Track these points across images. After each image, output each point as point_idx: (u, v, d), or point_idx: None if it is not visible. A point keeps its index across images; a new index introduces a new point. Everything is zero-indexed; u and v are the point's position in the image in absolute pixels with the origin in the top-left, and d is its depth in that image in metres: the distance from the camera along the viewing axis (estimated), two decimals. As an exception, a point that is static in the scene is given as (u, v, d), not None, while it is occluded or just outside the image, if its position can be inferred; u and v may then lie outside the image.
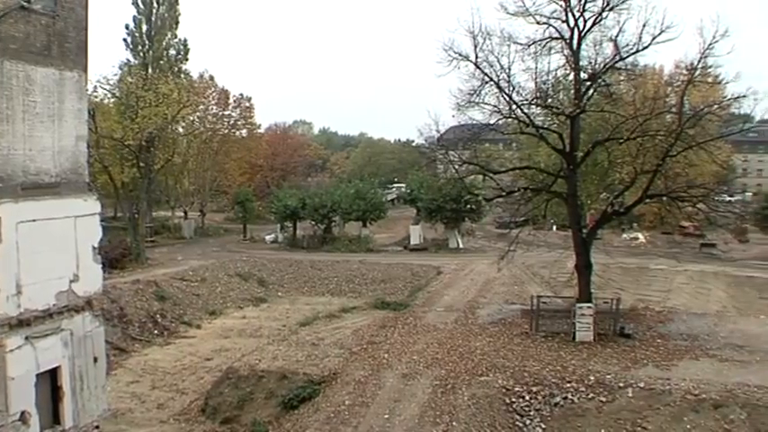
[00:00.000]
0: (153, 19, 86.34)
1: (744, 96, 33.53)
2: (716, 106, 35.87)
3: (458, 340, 35.33)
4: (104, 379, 21.36)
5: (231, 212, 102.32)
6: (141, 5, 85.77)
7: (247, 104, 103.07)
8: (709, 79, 37.12)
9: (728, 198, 42.42)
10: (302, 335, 37.91)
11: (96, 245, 20.19)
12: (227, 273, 56.18)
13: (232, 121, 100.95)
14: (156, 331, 42.89)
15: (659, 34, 32.05)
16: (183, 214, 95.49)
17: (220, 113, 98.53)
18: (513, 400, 27.70)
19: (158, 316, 44.46)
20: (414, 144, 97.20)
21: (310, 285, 55.12)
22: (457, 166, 39.44)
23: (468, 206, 68.61)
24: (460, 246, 71.63)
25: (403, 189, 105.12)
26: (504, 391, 28.25)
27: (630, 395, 27.41)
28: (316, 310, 45.21)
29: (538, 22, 34.04)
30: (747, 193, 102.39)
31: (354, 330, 38.05)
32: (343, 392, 29.30)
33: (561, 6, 33.52)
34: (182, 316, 45.87)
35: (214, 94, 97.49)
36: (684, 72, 37.32)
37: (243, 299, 51.58)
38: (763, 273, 53.25)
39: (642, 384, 27.99)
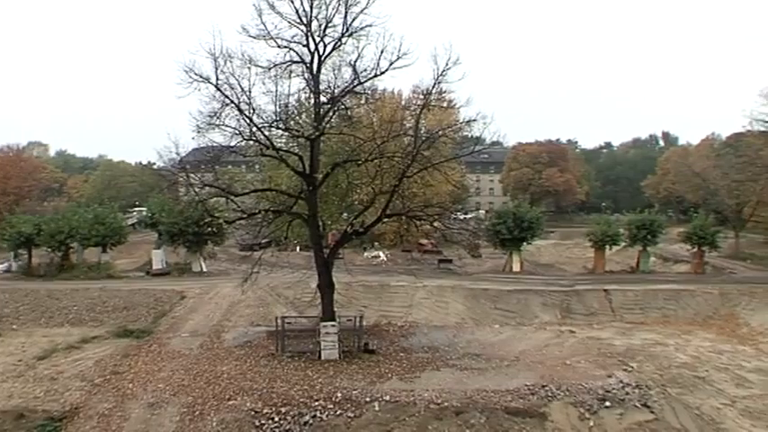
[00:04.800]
0: None
1: (474, 120, 35.56)
2: (449, 129, 37.73)
3: (204, 365, 34.82)
4: None
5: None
6: None
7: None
8: (444, 104, 39.11)
9: (463, 216, 44.66)
10: (40, 369, 35.58)
11: None
12: (-48, 308, 51.88)
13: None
14: None
15: (396, 60, 33.21)
16: None
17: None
18: (263, 422, 27.71)
19: None
20: (154, 167, 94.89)
21: (48, 316, 51.58)
22: (198, 189, 38.73)
23: (210, 229, 67.33)
24: (204, 269, 70.37)
25: (144, 213, 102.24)
26: (252, 413, 28.19)
27: (377, 409, 28.23)
28: (54, 342, 42.48)
29: (279, 46, 34.16)
30: (480, 211, 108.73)
31: (96, 361, 36.28)
32: (86, 427, 27.87)
33: (302, 31, 33.93)
34: None
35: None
36: (420, 97, 39.04)
37: (-28, 335, 47.84)
38: (496, 285, 56.28)
39: (388, 397, 28.94)
